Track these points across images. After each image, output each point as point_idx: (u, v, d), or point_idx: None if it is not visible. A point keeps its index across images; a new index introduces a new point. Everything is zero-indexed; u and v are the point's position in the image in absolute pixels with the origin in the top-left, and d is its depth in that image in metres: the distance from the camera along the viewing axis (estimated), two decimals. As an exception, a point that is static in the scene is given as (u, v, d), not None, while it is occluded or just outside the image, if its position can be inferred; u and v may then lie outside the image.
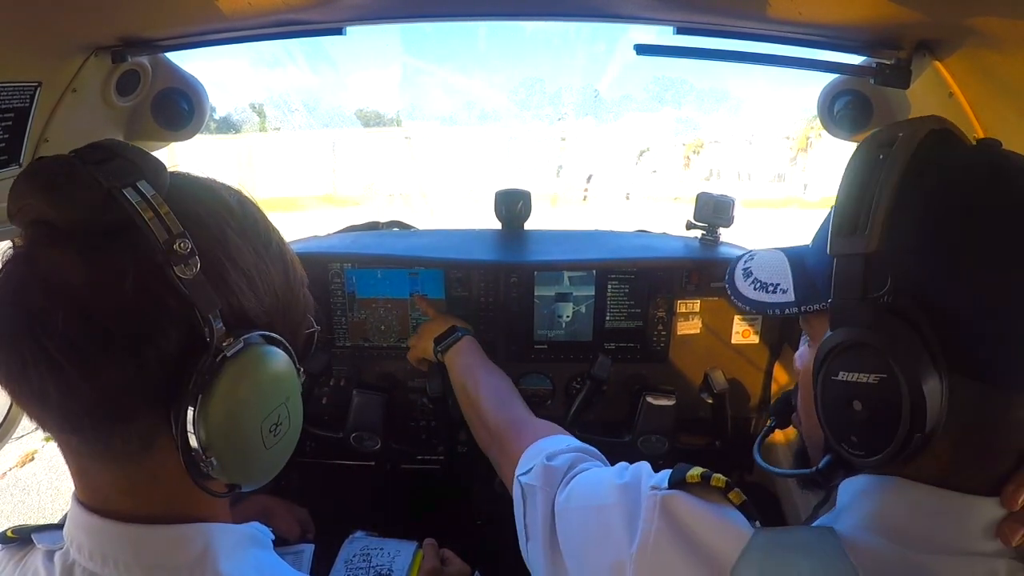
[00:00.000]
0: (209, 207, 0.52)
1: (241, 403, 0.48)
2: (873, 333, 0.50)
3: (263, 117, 24.71)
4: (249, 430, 0.49)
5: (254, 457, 0.50)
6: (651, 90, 29.61)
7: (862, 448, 0.52)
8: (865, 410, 0.51)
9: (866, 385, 0.50)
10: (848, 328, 0.52)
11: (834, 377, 0.53)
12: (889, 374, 0.48)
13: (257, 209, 0.57)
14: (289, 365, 0.53)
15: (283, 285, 0.56)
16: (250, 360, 0.49)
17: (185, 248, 0.45)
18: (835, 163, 13.13)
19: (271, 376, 0.51)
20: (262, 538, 0.60)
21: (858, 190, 0.52)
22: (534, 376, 1.60)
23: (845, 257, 0.52)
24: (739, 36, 1.13)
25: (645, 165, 22.86)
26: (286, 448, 0.54)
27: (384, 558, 1.14)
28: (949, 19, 0.87)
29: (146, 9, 1.03)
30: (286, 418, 0.52)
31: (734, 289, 0.70)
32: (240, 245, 0.52)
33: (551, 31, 46.72)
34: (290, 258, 0.59)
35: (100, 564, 0.50)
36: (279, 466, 0.55)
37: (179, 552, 0.51)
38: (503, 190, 1.65)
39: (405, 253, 1.52)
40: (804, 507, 1.45)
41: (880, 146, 0.52)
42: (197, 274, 0.45)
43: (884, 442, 0.49)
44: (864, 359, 0.50)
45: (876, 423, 0.50)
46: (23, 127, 1.02)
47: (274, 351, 0.51)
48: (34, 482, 3.49)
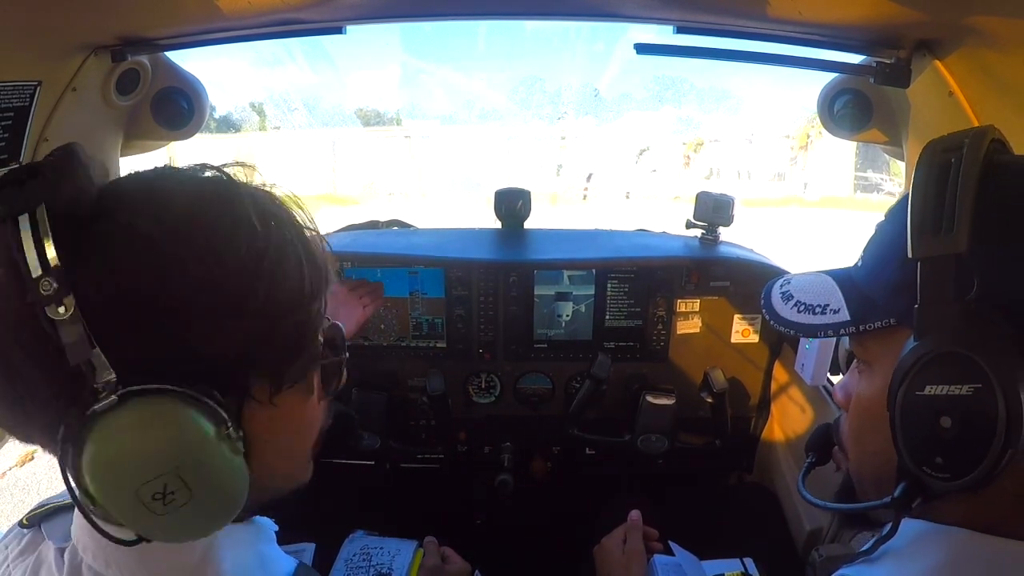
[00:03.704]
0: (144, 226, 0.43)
1: (106, 466, 0.42)
2: (966, 340, 0.47)
3: (263, 116, 24.70)
4: (121, 494, 0.42)
5: (143, 519, 0.43)
6: (651, 89, 29.57)
7: (948, 470, 0.48)
8: (956, 426, 0.47)
9: (958, 398, 0.47)
10: (935, 336, 0.48)
11: (919, 392, 0.49)
12: (985, 383, 0.45)
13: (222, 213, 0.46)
14: (190, 429, 0.43)
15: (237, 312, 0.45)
16: (124, 420, 0.41)
17: (49, 288, 0.39)
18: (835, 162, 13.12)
19: (148, 441, 0.42)
20: (266, 531, 0.59)
21: (936, 192, 0.49)
22: (534, 375, 1.60)
23: (931, 260, 0.49)
24: (739, 35, 1.13)
25: (645, 164, 22.85)
26: (201, 515, 0.45)
27: (384, 557, 1.15)
28: (949, 18, 0.87)
29: (146, 8, 1.03)
30: (180, 487, 0.42)
31: (773, 314, 0.66)
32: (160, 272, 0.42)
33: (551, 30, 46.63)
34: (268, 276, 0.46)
35: (104, 566, 0.50)
36: (201, 529, 0.46)
37: (180, 556, 0.51)
38: (503, 189, 1.65)
39: (405, 252, 1.52)
40: (805, 509, 1.45)
41: (947, 151, 0.50)
42: (72, 315, 0.40)
43: (974, 462, 0.46)
44: (956, 369, 0.47)
45: (967, 440, 0.47)
46: (23, 126, 1.02)
47: (164, 411, 0.42)
48: (34, 482, 3.49)
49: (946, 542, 0.51)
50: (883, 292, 0.56)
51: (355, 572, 1.12)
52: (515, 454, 1.63)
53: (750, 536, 1.43)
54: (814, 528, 1.39)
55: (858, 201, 19.79)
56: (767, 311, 0.67)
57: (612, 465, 1.67)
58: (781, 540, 1.48)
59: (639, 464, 1.61)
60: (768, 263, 1.57)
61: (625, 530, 1.17)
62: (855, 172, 21.58)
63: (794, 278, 0.68)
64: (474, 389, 1.63)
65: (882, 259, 0.57)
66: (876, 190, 20.62)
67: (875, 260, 0.59)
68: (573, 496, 1.67)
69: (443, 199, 17.98)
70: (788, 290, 0.67)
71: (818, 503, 0.70)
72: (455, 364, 1.58)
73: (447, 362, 1.57)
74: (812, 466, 0.80)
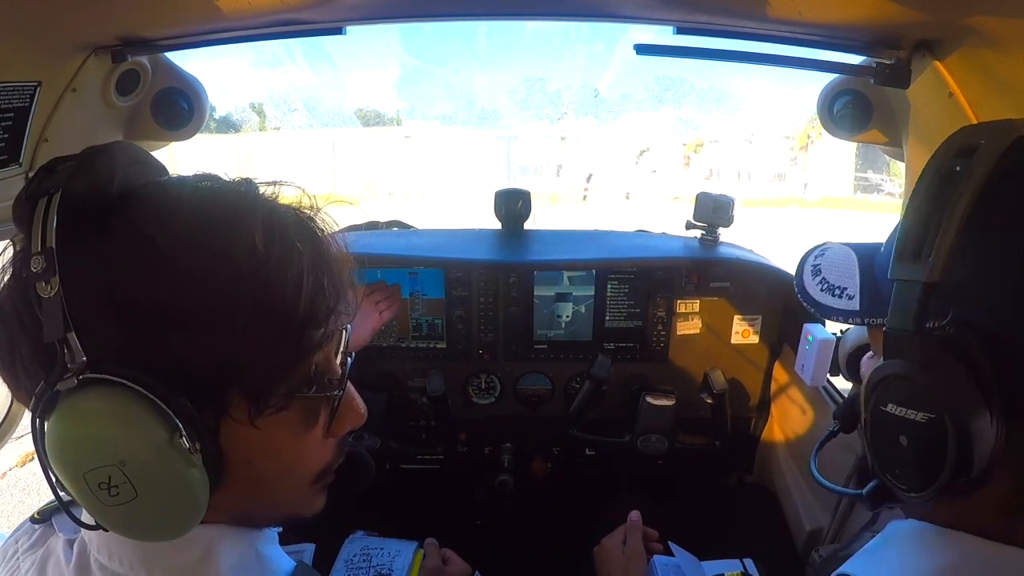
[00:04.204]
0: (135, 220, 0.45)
1: (60, 444, 0.43)
2: (924, 371, 0.47)
3: (263, 116, 24.75)
4: (72, 476, 0.43)
5: (93, 507, 0.44)
6: (651, 90, 29.64)
7: (906, 483, 0.50)
8: (911, 448, 0.48)
9: (913, 423, 0.47)
10: (901, 361, 0.49)
11: (883, 407, 0.50)
12: (938, 415, 0.46)
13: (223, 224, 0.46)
14: (139, 428, 0.42)
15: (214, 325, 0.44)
16: (79, 403, 0.42)
17: (38, 266, 0.42)
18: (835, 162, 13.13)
19: (95, 429, 0.43)
20: (268, 533, 0.59)
21: (927, 208, 0.47)
22: (534, 376, 1.60)
23: (904, 283, 0.48)
24: (739, 36, 1.13)
25: (645, 165, 22.88)
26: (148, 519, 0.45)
27: (384, 558, 1.15)
28: (949, 19, 0.87)
29: (146, 9, 1.03)
30: (124, 483, 0.42)
31: (801, 286, 0.66)
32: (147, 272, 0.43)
33: (551, 31, 46.72)
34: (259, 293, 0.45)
35: (108, 559, 0.51)
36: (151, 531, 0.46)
37: (181, 552, 0.51)
38: (503, 190, 1.65)
39: (405, 253, 1.52)
40: (805, 509, 1.45)
41: (958, 155, 0.47)
42: (55, 294, 0.42)
43: (926, 482, 0.47)
44: (914, 395, 0.47)
45: (920, 462, 0.48)
46: (23, 127, 1.02)
47: (116, 405, 0.42)
48: (34, 482, 3.49)
49: (947, 545, 0.51)
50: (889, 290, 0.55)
51: (355, 573, 1.12)
52: (515, 455, 1.63)
53: (750, 536, 1.43)
54: (814, 528, 1.39)
55: (858, 201, 19.81)
56: (797, 282, 0.67)
57: (612, 466, 1.67)
58: (781, 540, 1.48)
59: (639, 465, 1.61)
60: (768, 264, 1.57)
61: (625, 530, 1.17)
62: (855, 172, 21.59)
63: (829, 249, 0.68)
64: (474, 390, 1.63)
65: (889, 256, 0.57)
66: (876, 191, 20.63)
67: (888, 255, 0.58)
68: (573, 497, 1.67)
69: (443, 199, 17.99)
70: (820, 263, 0.67)
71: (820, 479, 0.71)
72: (455, 365, 1.58)
73: (447, 363, 1.57)
74: (833, 434, 0.79)
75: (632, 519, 1.18)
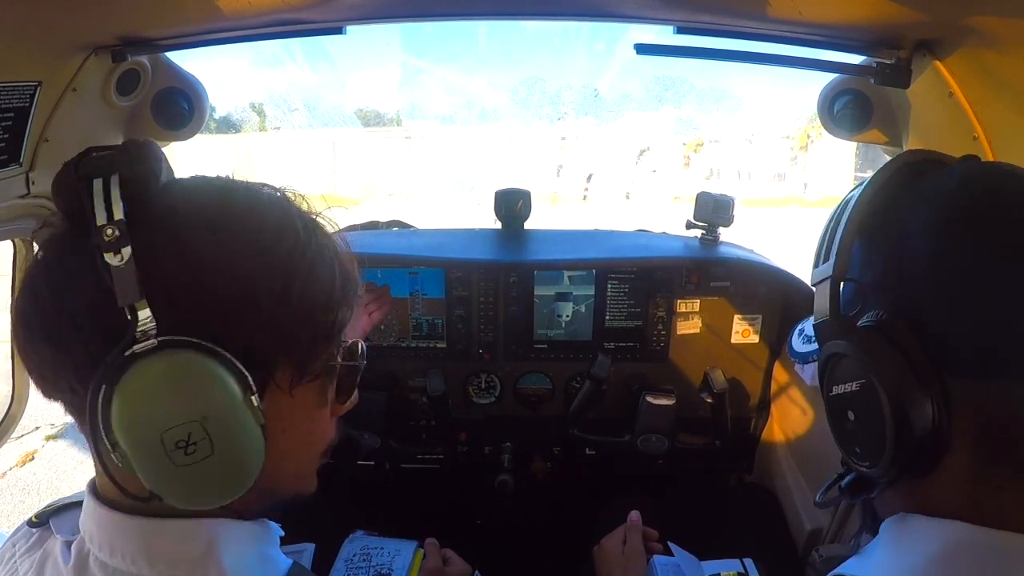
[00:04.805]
0: (195, 205, 0.50)
1: (139, 406, 0.45)
2: (846, 344, 0.53)
3: (263, 116, 24.73)
4: (147, 438, 0.45)
5: (162, 470, 0.46)
6: (651, 89, 29.62)
7: (866, 459, 0.53)
8: (858, 420, 0.53)
9: (852, 395, 0.53)
10: (828, 345, 0.56)
11: (830, 393, 0.56)
12: (866, 379, 0.51)
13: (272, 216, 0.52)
14: (218, 382, 0.46)
15: (277, 301, 0.49)
16: (162, 363, 0.45)
17: (111, 235, 0.44)
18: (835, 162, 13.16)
19: (181, 386, 0.45)
20: (270, 535, 0.60)
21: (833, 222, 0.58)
22: (534, 375, 1.60)
23: (818, 284, 0.58)
24: (739, 35, 1.13)
25: (645, 164, 22.86)
26: (218, 474, 0.47)
27: (384, 557, 1.15)
28: (949, 19, 0.87)
29: (146, 9, 1.03)
30: (203, 439, 0.45)
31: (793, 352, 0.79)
32: (215, 246, 0.48)
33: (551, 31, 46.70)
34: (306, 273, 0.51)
35: (109, 555, 0.51)
36: (210, 493, 0.48)
37: (184, 546, 0.51)
38: (503, 190, 1.65)
39: (405, 252, 1.52)
40: (805, 509, 1.45)
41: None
42: (126, 263, 0.44)
43: (880, 450, 0.50)
44: (844, 369, 0.54)
45: (868, 432, 0.52)
46: (23, 127, 1.02)
47: (198, 361, 0.45)
48: (34, 482, 3.49)
49: (941, 532, 0.51)
50: None
51: (355, 572, 1.12)
52: (515, 454, 1.63)
53: (750, 536, 1.43)
54: (814, 528, 1.39)
55: (858, 201, 19.74)
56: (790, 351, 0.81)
57: (612, 465, 1.67)
58: (781, 540, 1.48)
59: (639, 464, 1.61)
60: (768, 264, 1.57)
61: (625, 530, 1.17)
62: (855, 172, 21.57)
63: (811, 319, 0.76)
64: (474, 389, 1.63)
65: None
66: (876, 190, 20.56)
67: None
68: (573, 496, 1.68)
69: (443, 199, 17.99)
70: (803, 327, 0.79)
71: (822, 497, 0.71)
72: (455, 364, 1.58)
73: (447, 362, 1.57)
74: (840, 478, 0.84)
75: (632, 519, 1.18)
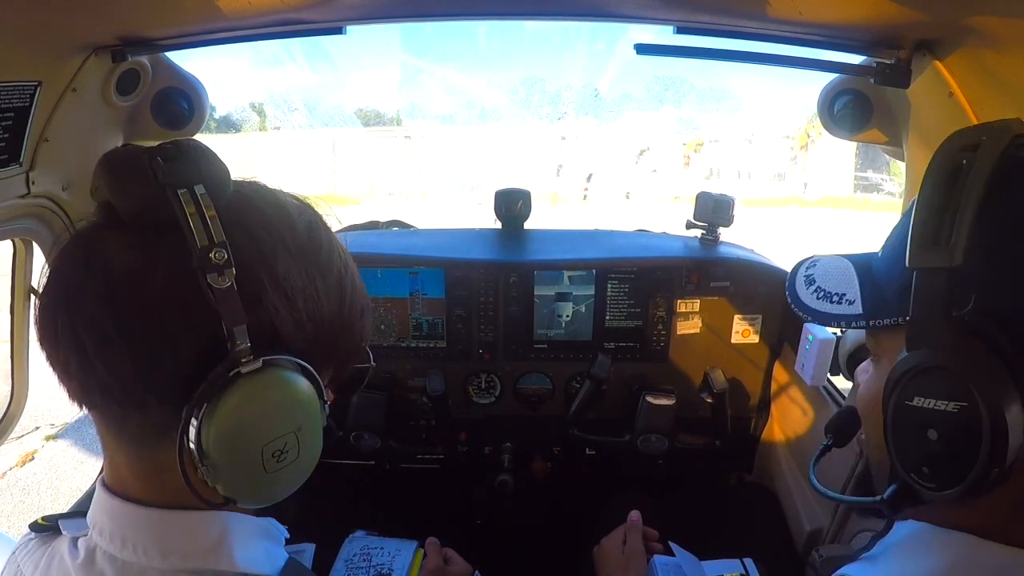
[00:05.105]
0: (269, 223, 0.51)
1: (244, 422, 0.47)
2: (954, 357, 0.46)
3: (263, 116, 24.74)
4: (248, 450, 0.47)
5: (251, 477, 0.49)
6: (651, 89, 29.65)
7: (934, 480, 0.49)
8: (941, 440, 0.47)
9: (944, 413, 0.47)
10: (926, 350, 0.48)
11: (908, 402, 0.49)
12: (970, 403, 0.45)
13: (326, 234, 0.56)
14: (310, 396, 0.50)
15: (333, 316, 0.54)
16: (265, 382, 0.47)
17: (220, 258, 0.44)
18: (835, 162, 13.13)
19: (284, 402, 0.49)
20: (276, 533, 0.61)
21: (940, 198, 0.48)
22: (534, 375, 1.60)
23: (926, 271, 0.48)
24: (739, 35, 1.13)
25: (645, 164, 22.88)
26: (292, 476, 0.52)
27: (384, 557, 1.15)
28: (949, 19, 0.87)
29: (146, 9, 1.03)
30: (294, 447, 0.50)
31: (795, 298, 0.66)
32: (291, 267, 0.50)
33: (551, 31, 46.72)
34: (351, 290, 0.57)
35: (120, 547, 0.51)
36: (281, 492, 0.52)
37: (197, 538, 0.52)
38: (503, 190, 1.65)
39: (405, 252, 1.52)
40: (805, 509, 1.45)
41: (962, 150, 0.49)
42: (230, 286, 0.45)
43: (959, 476, 0.46)
44: (943, 385, 0.47)
45: (952, 455, 0.47)
46: (23, 127, 1.02)
47: (295, 378, 0.49)
48: (34, 482, 3.49)
49: (946, 545, 0.51)
50: (895, 289, 0.55)
51: (355, 572, 1.12)
52: (515, 454, 1.63)
53: (750, 536, 1.43)
54: (814, 528, 1.39)
55: (858, 201, 19.80)
56: (790, 293, 0.67)
57: (612, 465, 1.67)
58: (781, 540, 1.48)
59: (639, 464, 1.61)
60: (768, 263, 1.57)
61: (625, 530, 1.17)
62: (855, 172, 21.58)
63: (820, 261, 0.68)
64: (474, 389, 1.63)
65: (897, 255, 0.55)
66: (876, 190, 20.63)
67: (892, 254, 0.58)
68: (573, 496, 1.67)
69: (443, 199, 17.99)
70: (812, 274, 0.67)
71: (821, 489, 0.70)
72: (455, 364, 1.58)
73: (447, 362, 1.57)
74: (827, 449, 0.79)
75: (632, 519, 1.18)
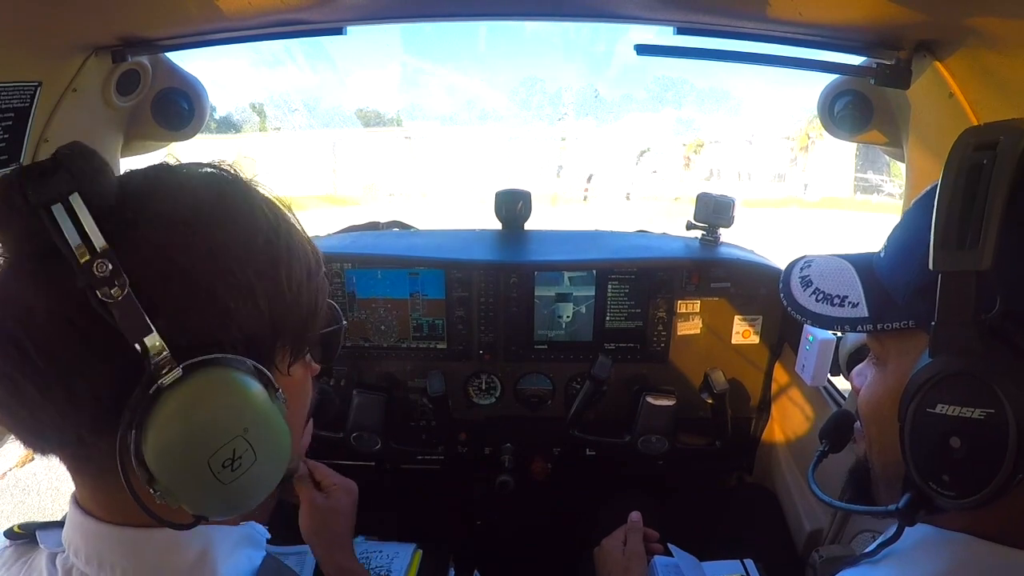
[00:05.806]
0: (169, 209, 0.45)
1: (179, 437, 0.43)
2: (982, 362, 0.45)
3: (263, 117, 24.78)
4: (193, 465, 0.43)
5: (209, 492, 0.45)
6: (651, 90, 29.69)
7: (954, 488, 0.47)
8: (964, 448, 0.46)
9: (969, 421, 0.45)
10: (950, 356, 0.47)
11: (930, 409, 0.48)
12: (998, 409, 0.44)
13: (245, 198, 0.50)
14: (252, 392, 0.45)
15: (271, 289, 0.48)
16: (192, 389, 0.43)
17: (105, 269, 0.40)
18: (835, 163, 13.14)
19: (220, 406, 0.44)
20: (257, 538, 0.60)
21: (963, 198, 0.46)
22: (534, 376, 1.60)
23: (952, 275, 0.46)
24: (739, 36, 1.13)
25: (645, 165, 22.90)
26: (257, 481, 0.47)
27: (383, 560, 1.15)
28: (949, 19, 0.87)
29: (146, 9, 1.03)
30: (247, 450, 0.45)
31: (792, 300, 0.64)
32: (199, 249, 0.45)
33: (551, 31, 46.79)
34: (286, 254, 0.50)
35: (97, 569, 0.49)
36: (252, 499, 0.48)
37: (177, 555, 0.50)
38: (503, 190, 1.65)
39: (405, 253, 1.52)
40: (805, 509, 1.45)
41: (980, 148, 0.47)
42: (127, 295, 0.40)
43: (981, 484, 0.45)
44: (970, 391, 0.45)
45: (975, 463, 0.46)
46: (23, 127, 1.02)
47: (229, 377, 0.44)
48: (34, 482, 3.49)
49: (950, 549, 0.51)
50: (904, 291, 0.54)
51: None
52: (515, 455, 1.63)
53: (750, 537, 1.43)
54: (814, 529, 1.39)
55: (858, 202, 19.82)
56: (785, 295, 0.65)
57: (612, 466, 1.67)
58: (781, 541, 1.48)
59: (639, 465, 1.61)
60: (769, 264, 1.57)
61: (625, 531, 1.17)
62: (855, 173, 21.60)
63: (815, 261, 0.66)
64: (474, 390, 1.63)
65: (906, 256, 0.54)
66: (876, 191, 20.65)
67: (899, 255, 0.57)
68: (573, 497, 1.67)
69: (443, 199, 17.99)
70: (808, 275, 0.64)
71: (824, 498, 0.69)
72: (455, 365, 1.58)
73: (447, 363, 1.57)
74: (824, 455, 0.77)
75: (632, 520, 1.18)
